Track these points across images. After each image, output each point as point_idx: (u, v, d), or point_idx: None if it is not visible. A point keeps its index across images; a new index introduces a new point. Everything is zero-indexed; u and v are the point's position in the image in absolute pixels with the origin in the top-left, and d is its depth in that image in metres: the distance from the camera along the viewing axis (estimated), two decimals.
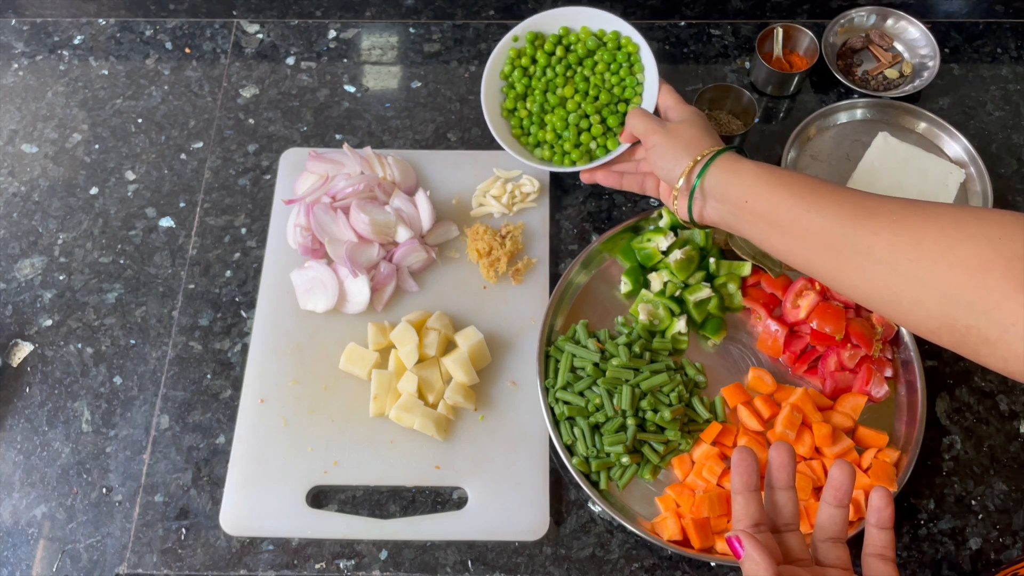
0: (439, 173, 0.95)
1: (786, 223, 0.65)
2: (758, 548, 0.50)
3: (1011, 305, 0.51)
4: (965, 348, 0.56)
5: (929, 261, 0.55)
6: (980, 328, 0.53)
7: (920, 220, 0.57)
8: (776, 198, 0.66)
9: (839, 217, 0.61)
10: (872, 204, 0.60)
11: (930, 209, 0.57)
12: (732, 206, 0.70)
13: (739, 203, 0.69)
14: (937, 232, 0.56)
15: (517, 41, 0.94)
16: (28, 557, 0.77)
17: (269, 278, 0.89)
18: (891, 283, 0.58)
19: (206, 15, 1.08)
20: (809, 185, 0.65)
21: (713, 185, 0.72)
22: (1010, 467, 0.81)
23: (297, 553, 0.77)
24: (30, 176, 0.97)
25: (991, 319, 0.53)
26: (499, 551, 0.77)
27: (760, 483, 0.54)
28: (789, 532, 0.54)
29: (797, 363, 0.84)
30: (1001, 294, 0.52)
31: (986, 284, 0.53)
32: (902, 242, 0.57)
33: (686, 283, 0.86)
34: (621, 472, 0.78)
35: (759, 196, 0.67)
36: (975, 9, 1.07)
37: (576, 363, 0.81)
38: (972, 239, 0.54)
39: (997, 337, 0.53)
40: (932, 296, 0.56)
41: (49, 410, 0.84)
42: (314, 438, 0.81)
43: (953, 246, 0.54)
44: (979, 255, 0.53)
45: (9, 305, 0.89)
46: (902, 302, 0.58)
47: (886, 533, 0.53)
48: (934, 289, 0.55)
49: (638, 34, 0.91)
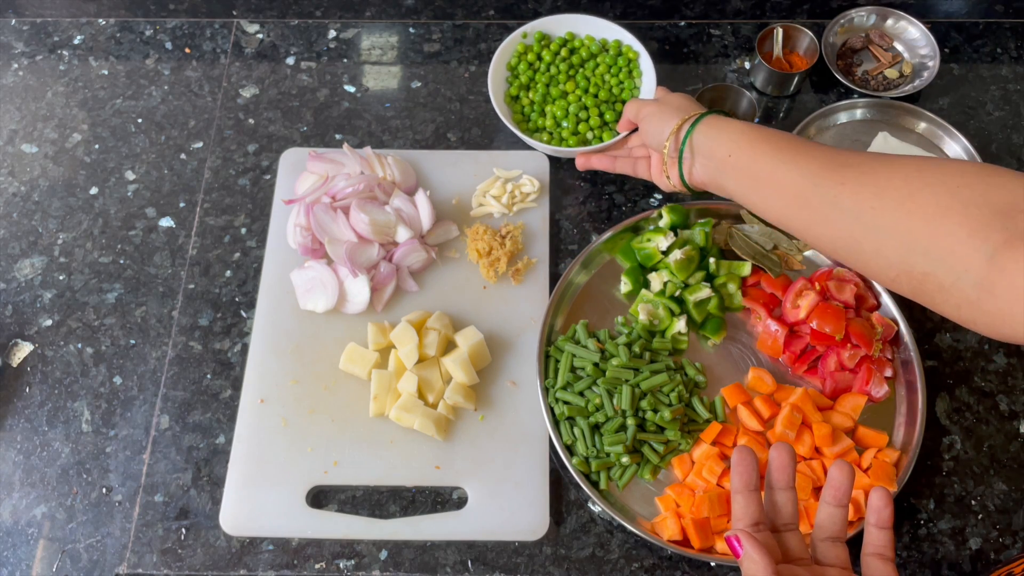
0: (439, 173, 0.95)
1: (764, 176, 0.68)
2: (757, 547, 0.50)
3: (965, 250, 0.53)
4: (923, 296, 0.57)
5: (890, 210, 0.57)
6: (936, 274, 0.55)
7: (885, 171, 0.59)
8: (756, 152, 0.69)
9: (811, 169, 0.64)
10: (843, 157, 0.63)
11: (897, 161, 0.59)
12: (717, 161, 0.73)
13: (723, 158, 0.72)
14: (900, 181, 0.57)
15: (526, 38, 0.98)
16: (28, 557, 0.77)
17: (269, 278, 0.89)
18: (855, 232, 0.60)
19: (206, 15, 1.08)
20: (789, 141, 0.68)
21: (700, 142, 0.75)
22: (1010, 467, 0.81)
23: (297, 553, 0.77)
24: (30, 176, 0.97)
25: (946, 265, 0.54)
26: (499, 551, 0.77)
27: (760, 483, 0.54)
28: (788, 531, 0.54)
29: (797, 363, 0.84)
30: (955, 239, 0.53)
31: (942, 230, 0.54)
32: (866, 191, 0.59)
33: (686, 283, 0.86)
34: (621, 472, 0.78)
35: (741, 150, 0.70)
36: (975, 9, 1.07)
37: (576, 363, 0.81)
38: (931, 187, 0.55)
39: (951, 283, 0.54)
40: (891, 244, 0.57)
41: (49, 410, 0.84)
42: (314, 438, 0.81)
43: (913, 194, 0.56)
44: (937, 202, 0.55)
45: (9, 305, 0.89)
46: (864, 250, 0.60)
47: (885, 533, 0.53)
48: (893, 237, 0.57)
49: (639, 43, 0.96)
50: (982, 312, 0.53)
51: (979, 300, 0.53)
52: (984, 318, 0.53)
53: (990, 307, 0.52)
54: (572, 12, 1.00)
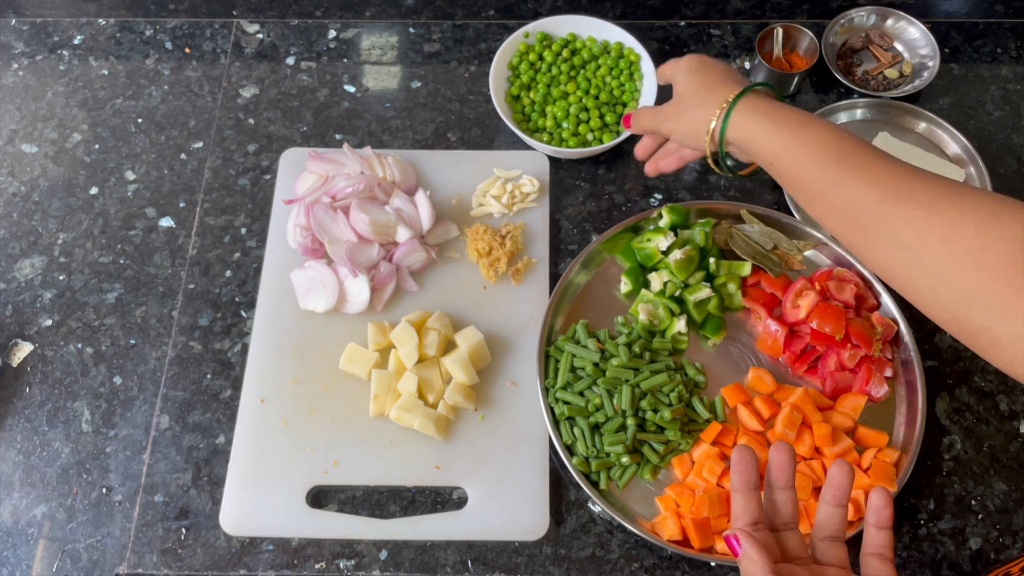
0: (439, 173, 0.95)
1: (812, 194, 0.63)
2: (755, 546, 0.50)
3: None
4: (974, 344, 0.54)
5: (957, 259, 0.53)
6: (994, 330, 0.52)
7: (955, 213, 0.54)
8: (801, 167, 0.63)
9: (868, 196, 0.58)
10: (908, 184, 0.57)
11: (968, 199, 0.54)
12: (762, 162, 0.67)
13: (766, 163, 0.67)
14: (972, 229, 0.53)
15: (528, 37, 0.98)
16: (28, 557, 0.77)
17: (269, 278, 0.89)
18: (913, 271, 0.56)
19: (206, 15, 1.08)
20: (836, 152, 0.61)
21: (740, 141, 0.69)
22: (1010, 467, 0.81)
23: (297, 553, 0.77)
24: (30, 176, 0.97)
25: (1008, 324, 0.51)
26: (499, 551, 0.77)
27: (759, 482, 0.54)
28: (788, 531, 0.54)
29: (797, 363, 0.84)
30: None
31: (1012, 288, 0.51)
32: (933, 235, 0.54)
33: (686, 283, 0.86)
34: (621, 472, 0.78)
35: (782, 163, 0.65)
36: (975, 9, 1.07)
37: (576, 363, 0.81)
38: (1007, 241, 0.51)
39: (1009, 342, 0.51)
40: (952, 292, 0.54)
41: (49, 410, 0.84)
42: (314, 438, 0.81)
43: (986, 247, 0.52)
44: (1012, 259, 0.51)
45: (9, 305, 0.89)
46: (920, 290, 0.56)
47: (885, 533, 0.53)
48: (956, 286, 0.53)
49: (640, 46, 0.96)
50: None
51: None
52: None
53: None
54: (572, 12, 1.00)
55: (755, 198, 0.95)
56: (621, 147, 0.97)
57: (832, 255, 0.88)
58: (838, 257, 0.88)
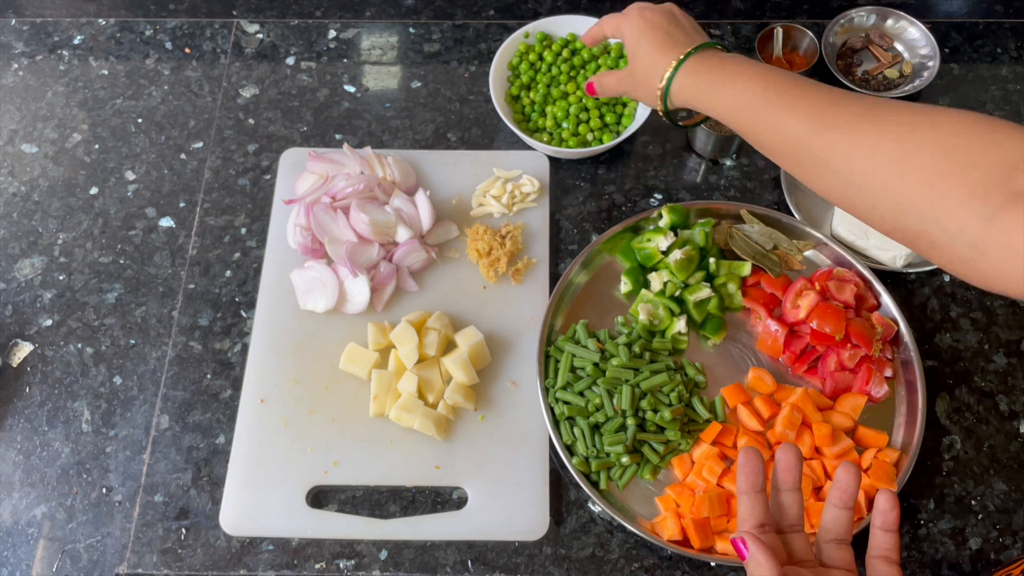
0: (439, 173, 0.95)
1: (753, 137, 0.68)
2: (762, 549, 0.50)
3: (962, 213, 0.52)
4: (916, 248, 0.57)
5: (881, 172, 0.57)
6: (930, 233, 0.55)
7: (875, 130, 0.58)
8: (739, 118, 0.68)
9: (795, 130, 0.63)
10: (829, 114, 0.61)
11: (887, 115, 0.58)
12: (712, 116, 0.73)
13: (715, 117, 0.72)
14: (892, 143, 0.56)
15: (528, 37, 0.98)
16: (28, 557, 0.77)
17: (269, 278, 0.89)
18: (848, 192, 0.60)
19: (206, 15, 1.08)
20: (763, 97, 0.66)
21: (686, 103, 0.74)
22: (1010, 467, 0.81)
23: (297, 553, 0.77)
24: (30, 176, 0.97)
25: (940, 226, 0.54)
26: (499, 551, 0.77)
27: (765, 484, 0.54)
28: (794, 533, 0.54)
29: (797, 363, 0.84)
30: (953, 202, 0.53)
31: (937, 193, 0.54)
32: (856, 155, 0.58)
33: (686, 283, 0.86)
34: (621, 472, 0.78)
35: (723, 117, 0.70)
36: (975, 9, 1.07)
37: (576, 363, 0.81)
38: (927, 149, 0.54)
39: (944, 242, 0.54)
40: (885, 204, 0.57)
41: (49, 410, 0.84)
42: (314, 438, 0.81)
43: (906, 156, 0.55)
44: (934, 166, 0.54)
45: (9, 305, 0.89)
46: (858, 208, 0.60)
47: (891, 535, 0.53)
48: (886, 199, 0.57)
49: None
50: (974, 269, 0.53)
51: (972, 259, 0.53)
52: (976, 275, 0.53)
53: (983, 266, 0.52)
54: (572, 12, 1.00)
55: (755, 198, 0.95)
56: (621, 147, 0.97)
57: (832, 255, 0.88)
58: (838, 257, 0.88)
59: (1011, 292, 0.51)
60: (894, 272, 0.89)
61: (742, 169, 0.97)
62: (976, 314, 0.88)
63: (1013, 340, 0.87)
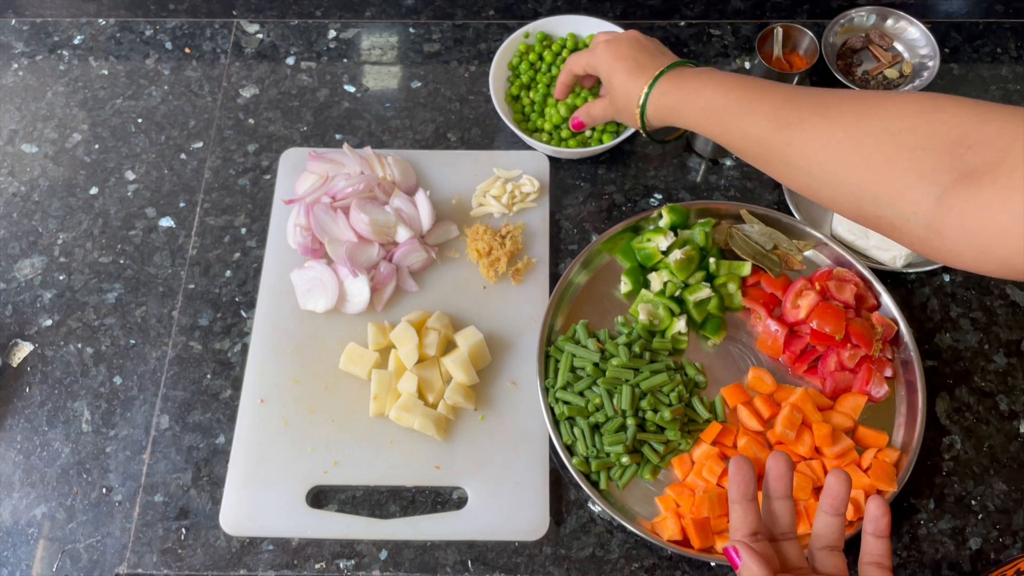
0: (439, 173, 0.95)
1: (725, 143, 0.71)
2: (755, 558, 0.50)
3: (913, 194, 0.54)
4: (879, 231, 0.59)
5: (835, 163, 0.59)
6: (888, 217, 0.57)
7: (825, 124, 0.60)
8: (710, 129, 0.72)
9: (756, 133, 0.66)
10: (783, 114, 0.64)
11: (835, 106, 0.60)
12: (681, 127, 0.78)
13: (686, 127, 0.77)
14: (841, 134, 0.59)
15: (528, 37, 0.98)
16: (28, 557, 0.77)
17: (269, 278, 0.89)
18: (810, 184, 0.63)
19: (206, 15, 1.08)
20: (723, 107, 0.69)
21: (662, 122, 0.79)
22: (1010, 467, 0.81)
23: (297, 553, 0.77)
24: (30, 176, 0.97)
25: (896, 209, 0.55)
26: (499, 551, 0.77)
27: (757, 491, 0.54)
28: (786, 540, 0.54)
29: (797, 363, 0.84)
30: (903, 185, 0.54)
31: (888, 177, 0.55)
32: (810, 149, 0.61)
33: (686, 283, 0.86)
34: (621, 472, 0.78)
35: (698, 129, 0.74)
36: (975, 9, 1.07)
37: (576, 363, 0.81)
38: (873, 136, 0.56)
39: (902, 224, 0.56)
40: (843, 193, 0.59)
41: (49, 410, 0.84)
42: (314, 438, 0.81)
43: (856, 146, 0.57)
44: (882, 152, 0.56)
45: (9, 305, 0.89)
46: (821, 197, 0.63)
47: (883, 542, 0.53)
48: (843, 188, 0.59)
49: None
50: (932, 249, 0.54)
51: (928, 239, 0.54)
52: (934, 254, 0.55)
53: (939, 245, 0.53)
54: (572, 12, 1.00)
55: (755, 198, 0.95)
56: (621, 147, 0.97)
57: (832, 255, 0.88)
58: (838, 257, 0.88)
59: (970, 268, 0.53)
60: (894, 272, 0.89)
61: (742, 169, 0.97)
62: (976, 314, 0.88)
63: (1013, 340, 0.87)
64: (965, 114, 0.53)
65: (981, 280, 0.90)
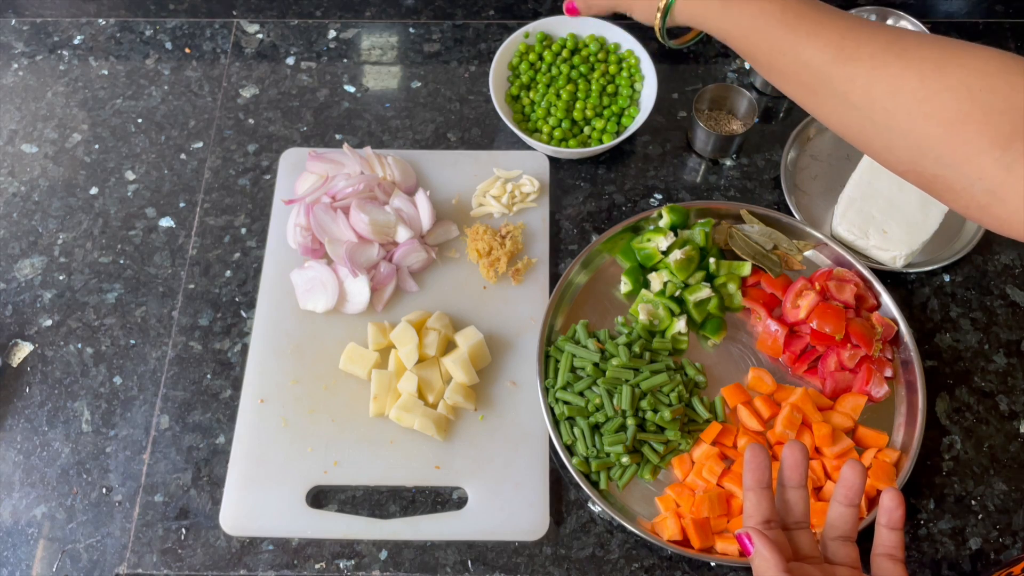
0: (439, 173, 0.95)
1: (765, 63, 0.63)
2: (768, 544, 0.50)
3: (982, 160, 0.51)
4: (931, 191, 0.56)
5: (904, 112, 0.54)
6: (947, 177, 0.53)
7: (900, 65, 0.55)
8: (752, 39, 0.63)
9: (815, 59, 0.59)
10: (851, 43, 0.57)
11: (913, 50, 0.55)
12: (716, 36, 0.67)
13: (720, 37, 0.66)
14: (916, 82, 0.54)
15: (528, 37, 0.98)
16: (28, 557, 0.77)
17: (269, 278, 0.89)
18: (865, 128, 0.58)
19: (206, 15, 1.08)
20: (780, 19, 0.60)
21: (691, 20, 0.68)
22: (1010, 467, 0.81)
23: (297, 553, 0.77)
24: (30, 176, 0.97)
25: (960, 172, 0.52)
26: (499, 551, 0.77)
27: (771, 481, 0.54)
28: (799, 530, 0.54)
29: (797, 363, 0.84)
30: (974, 148, 0.51)
31: (960, 138, 0.52)
32: (878, 91, 0.55)
33: (686, 283, 0.86)
34: (621, 472, 0.78)
35: (734, 37, 0.65)
36: (975, 9, 1.07)
37: (576, 363, 0.81)
38: (952, 91, 0.52)
39: (962, 188, 0.53)
40: (904, 144, 0.55)
41: (49, 410, 0.84)
42: (314, 438, 0.81)
43: (930, 97, 0.53)
44: (958, 108, 0.52)
45: (9, 305, 0.89)
46: (874, 145, 0.58)
47: (896, 533, 0.53)
48: (906, 139, 0.55)
49: (641, 47, 0.96)
50: (991, 215, 0.52)
51: (989, 205, 0.52)
52: (992, 220, 0.53)
53: (1000, 212, 0.51)
54: None
55: (755, 198, 0.95)
56: (621, 147, 0.97)
57: (832, 255, 0.88)
58: (838, 257, 0.88)
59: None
60: (894, 272, 0.89)
61: (742, 169, 0.97)
62: (976, 314, 0.88)
63: (1013, 340, 0.87)
64: None
65: (981, 280, 0.90)
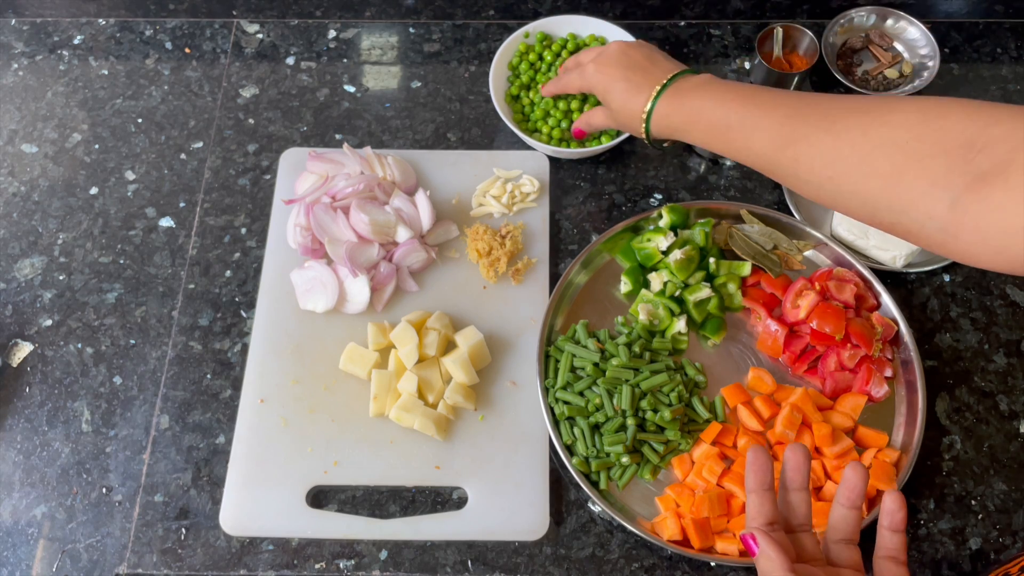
0: (439, 173, 0.95)
1: (732, 157, 0.72)
2: (773, 545, 0.50)
3: (926, 203, 0.55)
4: (895, 235, 0.60)
5: (844, 177, 0.60)
6: (903, 223, 0.57)
7: (831, 139, 0.61)
8: (715, 145, 0.72)
9: (763, 150, 0.67)
10: (787, 131, 0.64)
11: (840, 120, 0.61)
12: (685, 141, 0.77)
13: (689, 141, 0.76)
14: (848, 149, 0.59)
15: (528, 37, 0.98)
16: (28, 557, 0.77)
17: (269, 278, 0.89)
18: (821, 195, 0.64)
19: (206, 15, 1.08)
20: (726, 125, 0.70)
21: (665, 135, 0.79)
22: (1010, 467, 0.81)
23: (297, 553, 0.77)
24: (30, 176, 0.97)
25: (910, 216, 0.56)
26: (499, 551, 0.77)
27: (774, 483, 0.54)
28: (802, 532, 0.54)
29: (797, 363, 0.84)
30: (916, 193, 0.55)
31: (901, 187, 0.56)
32: (818, 165, 0.62)
33: (686, 283, 0.86)
34: (621, 472, 0.78)
35: (701, 144, 0.75)
36: (975, 9, 1.07)
37: (576, 363, 0.81)
38: (881, 148, 0.57)
39: (919, 229, 0.56)
40: (856, 203, 0.60)
41: (49, 410, 0.84)
42: (314, 438, 0.81)
43: (865, 159, 0.58)
44: (892, 163, 0.56)
45: (9, 305, 0.89)
46: (836, 207, 0.63)
47: (898, 536, 0.53)
48: (855, 199, 0.60)
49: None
50: (950, 251, 0.55)
51: (945, 242, 0.55)
52: (953, 255, 0.56)
53: (956, 247, 0.54)
54: (572, 12, 1.00)
55: (755, 198, 0.95)
56: (621, 147, 0.97)
57: (832, 255, 0.88)
58: (838, 257, 0.88)
59: (988, 268, 0.54)
60: (894, 272, 0.89)
61: (742, 169, 0.97)
62: (976, 314, 0.88)
63: (1013, 340, 0.87)
64: (971, 117, 0.53)
65: (981, 280, 0.90)
